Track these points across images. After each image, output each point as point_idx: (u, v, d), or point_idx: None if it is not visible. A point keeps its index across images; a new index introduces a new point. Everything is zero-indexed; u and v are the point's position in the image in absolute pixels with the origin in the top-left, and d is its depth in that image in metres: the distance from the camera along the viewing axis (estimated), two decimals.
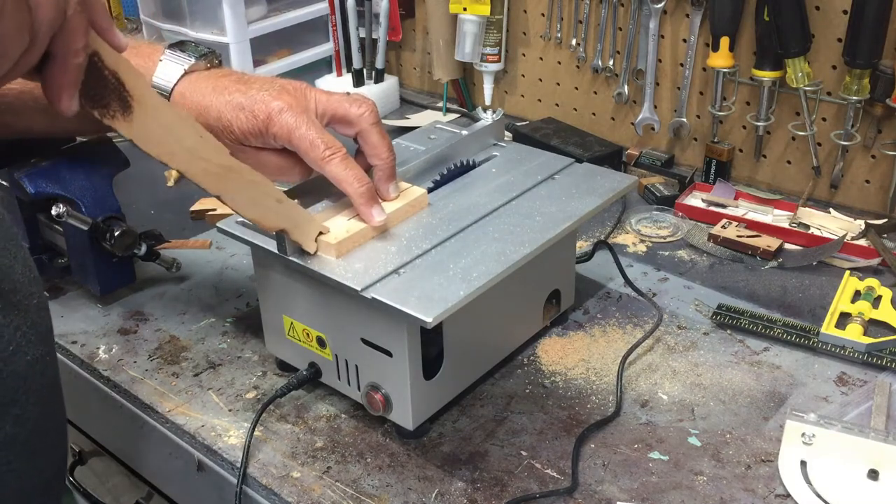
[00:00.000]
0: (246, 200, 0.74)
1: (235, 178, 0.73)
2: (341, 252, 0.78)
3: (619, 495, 0.75)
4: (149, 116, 0.65)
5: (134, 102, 0.64)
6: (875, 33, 1.06)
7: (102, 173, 0.99)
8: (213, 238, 1.11)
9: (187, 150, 0.69)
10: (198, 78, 0.83)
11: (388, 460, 0.80)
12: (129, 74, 0.63)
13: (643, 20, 1.27)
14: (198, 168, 0.70)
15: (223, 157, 0.72)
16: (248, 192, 0.74)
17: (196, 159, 0.70)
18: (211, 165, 0.71)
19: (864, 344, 0.89)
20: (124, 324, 1.00)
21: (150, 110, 0.65)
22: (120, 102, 0.63)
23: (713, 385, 0.88)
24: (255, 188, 0.74)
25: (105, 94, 0.62)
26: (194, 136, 0.70)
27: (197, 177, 0.71)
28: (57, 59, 0.58)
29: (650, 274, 1.06)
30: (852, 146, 1.15)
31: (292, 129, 0.79)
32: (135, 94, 0.64)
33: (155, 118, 0.66)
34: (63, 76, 0.59)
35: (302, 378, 0.85)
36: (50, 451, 0.68)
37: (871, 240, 1.07)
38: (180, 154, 0.69)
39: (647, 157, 1.31)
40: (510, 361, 0.91)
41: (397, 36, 1.59)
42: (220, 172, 0.72)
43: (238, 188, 0.73)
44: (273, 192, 0.76)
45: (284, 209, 0.76)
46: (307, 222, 0.78)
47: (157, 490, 0.97)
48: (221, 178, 0.72)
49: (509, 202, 0.87)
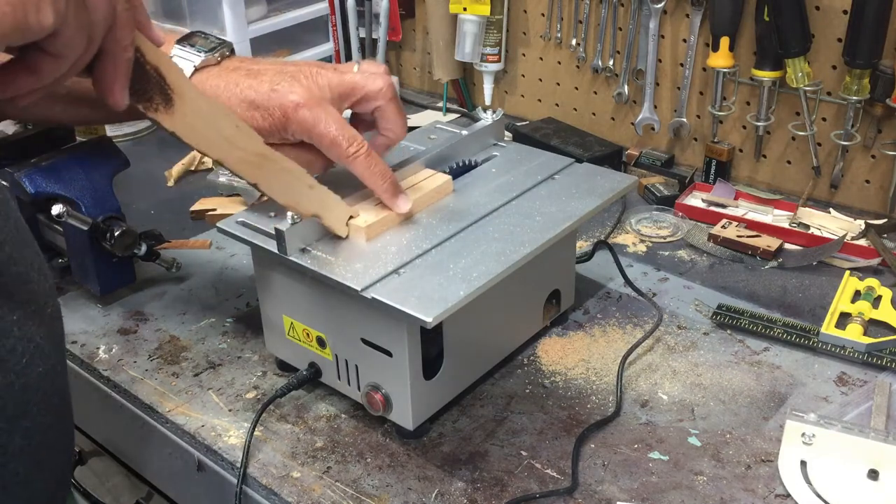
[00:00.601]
0: (280, 187, 0.77)
1: (270, 167, 0.76)
2: (371, 235, 0.80)
3: (619, 495, 0.75)
4: (189, 109, 0.68)
5: (175, 95, 0.66)
6: (875, 33, 1.06)
7: (102, 173, 0.99)
8: (213, 238, 1.11)
9: (225, 140, 0.72)
10: (208, 75, 0.81)
11: (388, 460, 0.80)
12: (169, 68, 0.66)
13: (643, 20, 1.27)
14: (235, 157, 0.73)
15: (259, 146, 0.74)
16: (282, 180, 0.77)
17: (233, 149, 0.73)
18: (247, 154, 0.74)
19: (864, 344, 0.89)
20: (124, 324, 1.00)
21: (189, 103, 0.68)
22: (162, 96, 0.66)
23: (713, 385, 0.88)
24: (288, 175, 0.77)
25: (148, 88, 0.65)
26: (231, 127, 0.72)
27: (235, 166, 0.73)
28: (108, 55, 0.59)
29: (650, 274, 1.06)
30: (852, 146, 1.15)
31: (311, 125, 0.77)
32: (175, 87, 0.66)
33: (194, 110, 0.68)
34: (115, 71, 0.60)
35: (302, 378, 0.85)
36: (57, 458, 0.68)
37: (871, 240, 1.07)
38: (219, 144, 0.71)
39: (647, 157, 1.31)
40: (510, 361, 0.91)
41: (397, 36, 1.59)
42: (256, 161, 0.74)
43: (273, 176, 0.76)
44: (305, 178, 0.78)
45: (316, 195, 0.79)
46: (338, 207, 0.80)
47: (157, 490, 0.97)
48: (257, 167, 0.75)
49: (509, 202, 0.87)
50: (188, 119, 0.68)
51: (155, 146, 1.45)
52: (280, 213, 0.81)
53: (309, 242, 0.79)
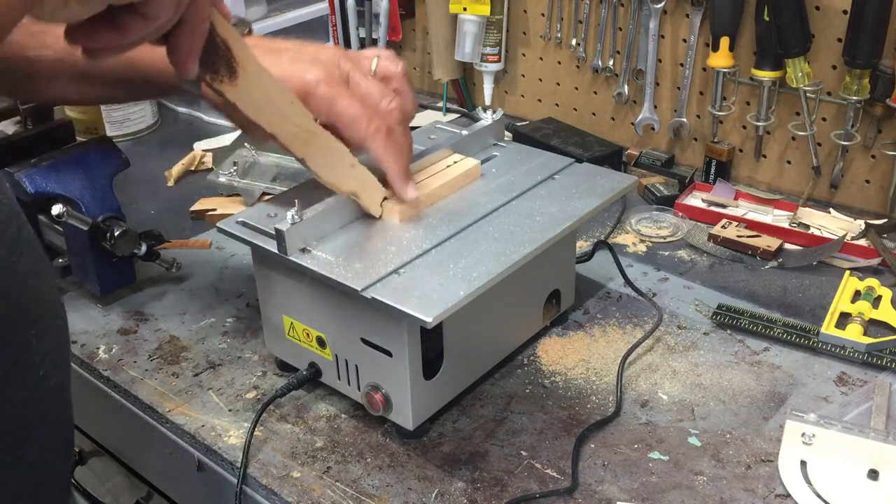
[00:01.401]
0: (325, 164, 0.80)
1: (318, 144, 0.78)
2: (404, 216, 0.83)
3: (619, 495, 0.75)
4: (251, 82, 0.70)
5: (239, 69, 0.69)
6: (875, 33, 1.06)
7: (102, 173, 0.99)
8: (213, 238, 1.11)
9: (281, 115, 0.74)
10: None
11: (388, 460, 0.80)
12: (236, 42, 0.68)
13: (643, 20, 1.27)
14: (288, 132, 0.76)
15: (309, 123, 0.77)
16: (327, 157, 0.79)
17: (287, 124, 0.75)
18: (299, 130, 0.76)
19: (864, 344, 0.89)
20: (124, 324, 1.00)
21: (252, 76, 0.70)
22: (227, 68, 0.68)
23: (713, 385, 0.88)
24: (333, 153, 0.80)
25: (216, 60, 0.67)
26: (286, 102, 0.75)
27: (287, 140, 0.76)
28: (188, 24, 0.60)
29: (650, 274, 1.06)
30: (852, 146, 1.15)
31: (331, 103, 0.78)
32: (240, 60, 0.68)
33: (256, 84, 0.71)
34: (192, 41, 0.62)
35: (302, 378, 0.85)
36: (62, 466, 0.69)
37: (871, 240, 1.07)
38: (275, 118, 0.74)
39: (647, 157, 1.31)
40: (510, 361, 0.91)
41: (397, 36, 1.59)
42: (306, 137, 0.77)
43: (319, 153, 0.79)
44: (348, 157, 0.81)
45: (356, 173, 0.81)
46: (374, 187, 0.83)
47: (157, 490, 0.97)
48: (307, 143, 0.77)
49: (509, 202, 0.87)
50: (250, 92, 0.71)
51: (155, 146, 1.45)
52: (280, 213, 0.81)
53: (309, 242, 0.79)
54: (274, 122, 0.74)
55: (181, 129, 1.52)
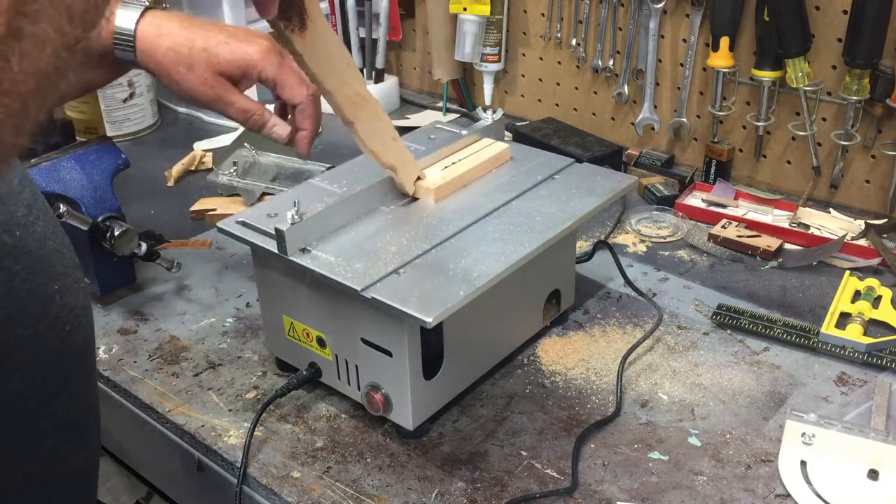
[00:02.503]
0: (371, 132, 0.82)
1: (368, 109, 0.81)
2: (439, 197, 0.85)
3: (619, 495, 0.75)
4: (318, 36, 0.73)
5: (309, 21, 0.72)
6: (875, 33, 1.06)
7: (102, 173, 0.99)
8: (213, 238, 1.11)
9: (338, 74, 0.77)
10: (160, 15, 0.84)
11: (388, 460, 0.80)
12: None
13: (643, 20, 1.27)
14: (342, 93, 0.78)
15: (361, 87, 0.80)
16: (373, 125, 0.82)
17: (342, 84, 0.78)
18: (352, 93, 0.79)
19: (864, 344, 0.89)
20: (124, 324, 1.00)
21: (319, 30, 0.73)
22: (299, 18, 0.72)
23: (713, 385, 0.88)
24: (379, 122, 0.82)
25: (290, 8, 0.71)
26: (344, 63, 0.78)
27: (342, 101, 0.78)
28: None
29: (650, 274, 1.06)
30: (852, 146, 1.15)
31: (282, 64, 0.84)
32: (311, 14, 0.72)
33: (322, 38, 0.74)
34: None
35: (302, 378, 0.85)
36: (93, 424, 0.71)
37: (871, 240, 1.07)
38: (332, 76, 0.77)
39: (647, 157, 1.31)
40: (510, 361, 0.91)
41: (397, 36, 1.59)
42: (357, 101, 0.79)
43: (367, 119, 0.81)
44: (391, 129, 0.83)
45: (396, 147, 0.84)
46: (411, 165, 0.85)
47: (157, 490, 0.97)
48: (357, 107, 0.80)
49: (509, 202, 0.87)
50: (315, 46, 0.74)
51: (155, 146, 1.45)
52: (280, 213, 0.81)
53: (309, 242, 0.79)
54: (332, 79, 0.77)
55: (181, 129, 1.52)
